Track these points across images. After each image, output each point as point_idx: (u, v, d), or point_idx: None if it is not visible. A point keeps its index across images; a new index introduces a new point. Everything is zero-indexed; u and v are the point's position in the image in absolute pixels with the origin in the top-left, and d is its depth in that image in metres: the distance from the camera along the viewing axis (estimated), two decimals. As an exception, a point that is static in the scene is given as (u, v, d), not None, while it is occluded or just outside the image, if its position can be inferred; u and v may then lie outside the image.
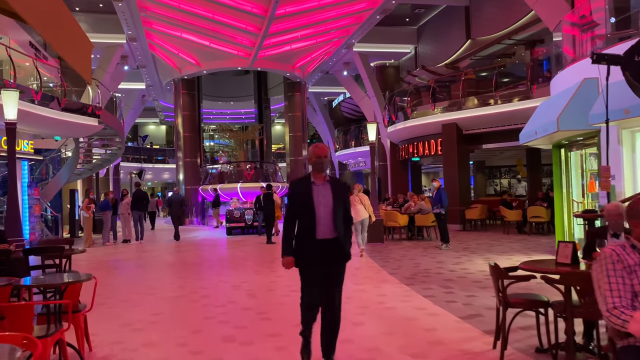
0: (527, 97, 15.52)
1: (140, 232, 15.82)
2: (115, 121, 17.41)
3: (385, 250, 11.96)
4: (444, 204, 12.22)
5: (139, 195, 16.00)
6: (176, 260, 11.38)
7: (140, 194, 16.14)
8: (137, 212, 15.87)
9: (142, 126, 46.95)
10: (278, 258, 11.46)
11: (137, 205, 15.84)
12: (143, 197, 16.30)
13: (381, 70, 27.16)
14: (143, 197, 16.30)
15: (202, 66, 23.37)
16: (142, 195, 16.25)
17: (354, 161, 33.77)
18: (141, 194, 16.26)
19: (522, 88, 16.45)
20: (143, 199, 16.30)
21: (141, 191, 16.37)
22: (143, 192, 16.76)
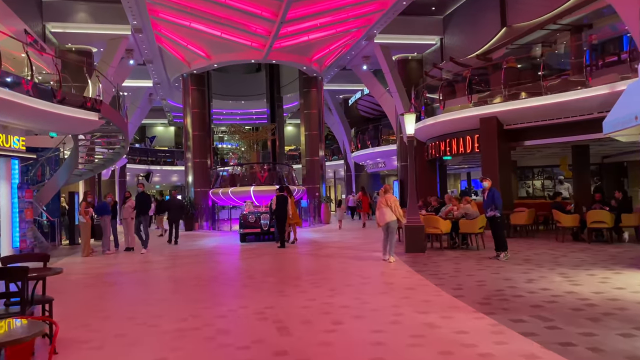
0: (582, 87, 13.66)
1: (144, 241, 14.06)
2: (118, 116, 15.73)
3: (431, 262, 10.12)
4: (498, 205, 10.38)
5: (142, 199, 14.30)
6: (185, 275, 9.61)
7: (144, 197, 14.42)
8: (141, 217, 14.12)
9: (150, 127, 45.45)
10: (304, 273, 9.74)
11: (141, 209, 14.11)
12: (148, 201, 14.60)
13: (403, 65, 25.34)
14: (148, 201, 14.60)
15: (212, 59, 21.68)
16: (146, 198, 14.55)
17: (372, 162, 31.96)
18: (145, 197, 14.53)
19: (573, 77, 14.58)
20: (148, 203, 14.59)
21: (145, 194, 14.61)
22: (147, 194, 15.03)
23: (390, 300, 6.70)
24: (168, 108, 36.97)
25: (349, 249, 13.20)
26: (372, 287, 7.70)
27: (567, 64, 16.65)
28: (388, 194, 10.77)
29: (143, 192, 14.50)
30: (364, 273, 8.98)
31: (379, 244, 14.01)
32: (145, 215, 14.21)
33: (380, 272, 8.98)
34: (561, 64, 16.91)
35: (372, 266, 9.82)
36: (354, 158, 33.34)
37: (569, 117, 14.40)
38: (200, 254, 13.06)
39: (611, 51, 15.38)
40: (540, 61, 14.93)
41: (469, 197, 12.67)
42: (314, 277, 8.63)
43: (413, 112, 12.16)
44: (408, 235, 11.25)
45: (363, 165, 34.03)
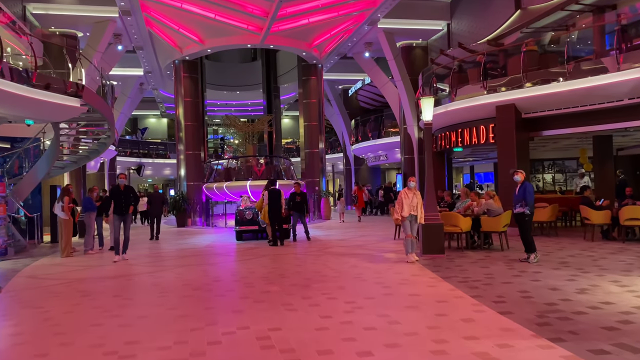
0: (605, 72, 12.43)
1: (124, 243, 11.14)
2: (102, 104, 14.35)
3: (454, 265, 8.89)
4: (529, 201, 9.16)
5: (115, 193, 11.09)
6: (173, 282, 8.34)
7: (117, 191, 11.05)
8: (116, 216, 11.00)
9: (142, 119, 44.00)
10: (313, 279, 7.88)
11: (115, 206, 10.94)
12: (121, 195, 11.01)
13: (407, 52, 24.03)
14: (121, 195, 11.01)
15: (206, 44, 20.29)
16: (118, 192, 11.02)
17: (373, 155, 30.69)
18: (117, 190, 11.06)
19: (596, 62, 13.34)
20: (122, 198, 10.96)
21: (128, 187, 11.23)
22: (129, 188, 11.31)
23: (424, 319, 5.45)
24: (160, 99, 35.55)
25: (358, 248, 11.95)
26: (396, 299, 6.45)
27: (585, 49, 15.43)
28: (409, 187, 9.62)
29: (119, 186, 11.07)
30: (383, 280, 7.73)
31: (389, 243, 12.85)
32: (122, 215, 10.91)
33: (401, 279, 7.73)
34: (578, 49, 15.65)
35: (388, 270, 8.58)
36: (354, 151, 32.05)
37: (595, 105, 13.17)
38: (191, 255, 11.77)
39: (633, 34, 14.18)
40: (565, 42, 13.67)
41: (492, 192, 11.44)
42: (325, 286, 7.37)
43: (430, 95, 10.85)
44: (425, 235, 10.01)
45: (363, 158, 32.75)
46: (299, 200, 14.08)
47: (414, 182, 9.68)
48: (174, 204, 21.53)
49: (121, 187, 11.01)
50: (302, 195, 14.23)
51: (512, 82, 14.81)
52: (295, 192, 14.40)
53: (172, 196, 23.24)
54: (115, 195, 11.00)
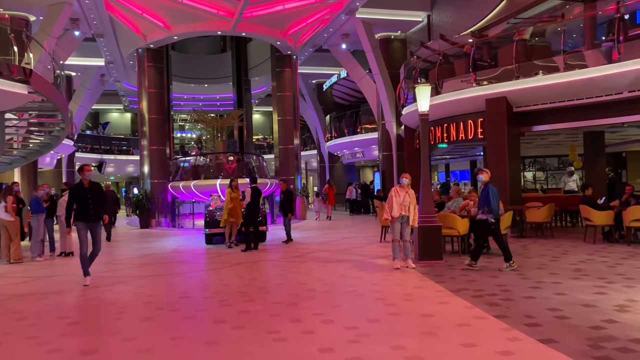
0: (609, 61, 11.64)
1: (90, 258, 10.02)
2: (54, 91, 12.75)
3: (458, 274, 7.83)
4: (492, 207, 8.10)
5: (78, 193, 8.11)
6: (132, 299, 7.01)
7: (80, 190, 8.07)
8: (82, 224, 8.16)
9: (104, 113, 41.80)
10: (301, 294, 6.56)
11: (79, 210, 8.05)
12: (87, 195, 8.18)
13: (385, 45, 22.99)
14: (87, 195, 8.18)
15: (172, 30, 18.76)
16: (82, 191, 8.03)
17: (349, 152, 29.61)
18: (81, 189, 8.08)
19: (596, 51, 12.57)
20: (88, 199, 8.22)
21: (81, 185, 8.15)
22: (86, 185, 8.13)
23: (451, 352, 4.33)
24: (123, 92, 33.65)
25: (343, 252, 10.80)
26: (407, 322, 5.31)
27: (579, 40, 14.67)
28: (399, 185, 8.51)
29: (83, 183, 8.10)
30: (383, 294, 6.59)
31: (375, 246, 11.74)
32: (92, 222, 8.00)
33: (404, 293, 6.60)
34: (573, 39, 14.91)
35: (385, 281, 7.45)
36: (329, 148, 30.92)
37: (593, 98, 12.38)
38: (155, 262, 10.39)
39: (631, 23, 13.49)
40: (562, 31, 12.83)
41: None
42: (316, 304, 6.18)
43: (427, 83, 9.78)
44: (422, 239, 8.94)
45: (338, 155, 31.66)
46: (282, 199, 12.89)
47: (408, 179, 8.60)
48: (137, 203, 19.95)
49: (86, 184, 7.97)
50: (286, 194, 13.03)
51: (503, 73, 13.91)
52: (282, 190, 13.21)
53: (135, 195, 21.63)
54: (78, 196, 7.88)
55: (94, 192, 8.02)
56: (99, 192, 8.13)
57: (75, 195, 8.00)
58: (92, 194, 7.96)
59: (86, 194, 7.96)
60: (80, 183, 8.14)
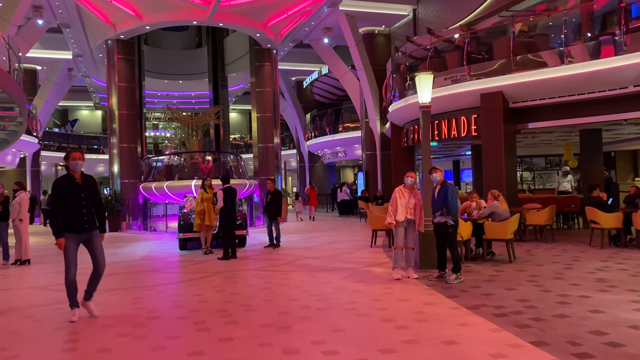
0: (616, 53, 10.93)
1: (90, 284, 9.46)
2: (10, 80, 11.45)
3: (469, 286, 6.91)
4: (451, 208, 7.27)
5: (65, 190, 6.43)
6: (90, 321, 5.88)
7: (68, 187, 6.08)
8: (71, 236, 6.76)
9: (73, 111, 39.96)
10: (292, 313, 5.39)
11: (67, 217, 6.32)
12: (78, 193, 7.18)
13: (369, 40, 22.11)
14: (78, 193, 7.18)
15: (144, 19, 17.49)
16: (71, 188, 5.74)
17: (330, 151, 28.66)
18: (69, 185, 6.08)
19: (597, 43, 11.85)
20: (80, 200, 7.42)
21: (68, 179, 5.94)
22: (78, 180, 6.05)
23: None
24: (93, 88, 32.05)
25: (332, 259, 9.80)
26: (429, 353, 4.32)
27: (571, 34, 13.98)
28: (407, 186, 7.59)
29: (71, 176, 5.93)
30: (389, 313, 5.61)
31: (365, 252, 10.78)
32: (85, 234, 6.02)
33: (414, 312, 5.63)
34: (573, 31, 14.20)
35: (388, 295, 6.47)
36: (309, 147, 29.93)
37: (595, 93, 11.66)
38: (122, 272, 9.21)
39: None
40: (561, 22, 12.09)
41: (496, 191, 9.57)
42: (313, 326, 5.17)
43: (429, 72, 8.84)
44: (423, 245, 8.00)
45: (319, 155, 30.68)
46: (269, 200, 11.83)
47: (413, 178, 7.64)
48: (105, 204, 18.59)
49: (77, 179, 5.70)
50: (274, 195, 11.96)
51: (499, 67, 13.11)
52: (269, 190, 12.14)
53: (105, 195, 20.26)
54: (65, 196, 5.64)
55: (89, 190, 5.75)
56: (94, 191, 5.85)
57: (60, 194, 5.63)
58: (85, 193, 5.69)
59: (77, 192, 5.63)
60: (67, 177, 5.70)
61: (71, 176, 5.70)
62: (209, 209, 11.11)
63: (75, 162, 5.67)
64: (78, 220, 5.66)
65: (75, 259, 5.84)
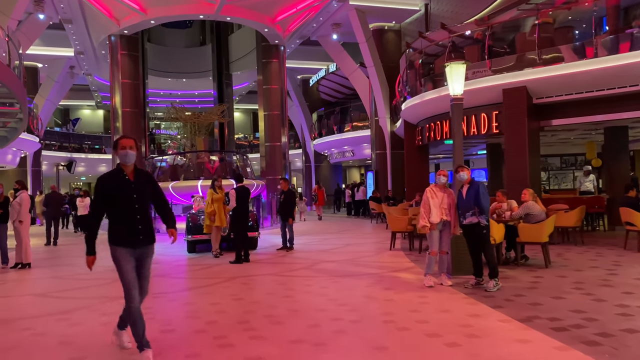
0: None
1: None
2: (9, 73, 10.87)
3: (511, 294, 6.30)
4: (484, 207, 6.65)
5: (113, 188, 3.85)
6: (92, 336, 5.29)
7: (116, 183, 4.65)
8: (123, 251, 4.85)
9: (75, 110, 39.44)
10: (318, 325, 4.75)
11: (114, 223, 4.39)
12: (130, 193, 4.99)
13: (379, 36, 21.50)
14: (130, 193, 4.99)
15: (148, 13, 16.93)
16: (121, 185, 4.66)
17: (337, 151, 28.06)
18: (117, 181, 4.66)
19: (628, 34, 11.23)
20: (132, 201, 5.59)
21: (118, 174, 4.40)
22: (129, 176, 4.53)
23: None
24: (95, 86, 31.52)
25: (352, 263, 9.20)
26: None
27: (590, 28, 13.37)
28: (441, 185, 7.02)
29: (119, 170, 4.51)
30: (435, 327, 4.99)
31: (385, 255, 10.14)
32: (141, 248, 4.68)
33: (459, 324, 5.02)
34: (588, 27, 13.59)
35: (425, 305, 5.85)
36: (315, 146, 29.33)
37: (626, 87, 11.06)
38: (116, 280, 8.56)
39: None
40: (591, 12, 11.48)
41: (529, 190, 8.96)
42: (351, 342, 4.57)
43: (462, 61, 8.23)
44: (456, 250, 7.39)
45: (325, 154, 30.08)
46: (283, 200, 11.24)
47: (446, 177, 7.04)
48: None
49: (128, 174, 4.26)
50: (288, 195, 11.35)
51: (521, 61, 12.52)
52: (282, 189, 11.54)
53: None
54: (113, 197, 4.20)
55: (144, 190, 4.29)
56: (151, 190, 4.39)
57: (106, 193, 4.19)
58: (139, 193, 4.23)
59: (129, 192, 4.18)
60: (116, 172, 4.28)
61: (120, 171, 4.24)
62: (220, 210, 10.52)
63: (125, 153, 4.23)
64: (131, 229, 4.16)
65: (135, 280, 4.29)
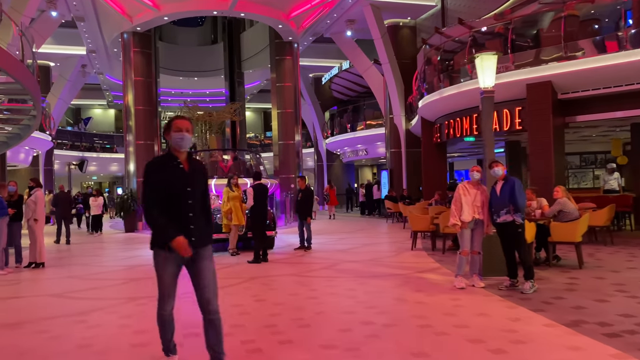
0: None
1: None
2: (22, 69, 10.67)
3: (549, 296, 5.96)
4: (520, 205, 6.30)
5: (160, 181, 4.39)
6: (114, 339, 5.03)
7: (164, 171, 4.01)
8: (170, 257, 3.45)
9: (86, 109, 39.40)
10: (350, 329, 4.47)
11: (158, 225, 4.27)
12: (184, 187, 4.10)
13: (393, 32, 21.13)
14: (184, 187, 4.10)
15: (162, 9, 16.69)
16: (173, 175, 3.93)
17: (350, 149, 27.73)
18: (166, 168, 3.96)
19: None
20: (186, 194, 3.65)
21: (167, 159, 3.74)
22: (184, 167, 3.82)
23: None
24: (107, 85, 31.41)
25: (374, 263, 8.89)
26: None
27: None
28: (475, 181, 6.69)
29: (169, 155, 3.82)
30: (475, 332, 4.66)
31: (407, 254, 9.77)
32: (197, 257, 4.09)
33: (499, 329, 4.69)
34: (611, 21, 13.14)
35: (459, 307, 5.53)
36: (328, 145, 29.03)
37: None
38: (146, 277, 8.36)
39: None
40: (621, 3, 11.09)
41: (562, 187, 8.59)
42: (387, 348, 4.28)
43: (491, 52, 7.88)
44: (488, 249, 7.04)
45: (338, 153, 29.76)
46: (300, 198, 10.95)
47: (479, 173, 6.70)
48: (121, 204, 17.85)
49: (182, 162, 3.58)
50: (305, 193, 11.05)
51: (547, 54, 12.12)
52: (300, 188, 11.24)
53: (120, 195, 19.51)
54: (163, 188, 3.51)
55: (199, 182, 3.61)
56: (205, 183, 3.72)
57: (154, 184, 3.52)
58: (194, 186, 3.56)
59: (183, 183, 3.52)
60: (167, 158, 3.60)
61: (173, 158, 3.55)
62: (237, 208, 10.26)
63: (181, 136, 3.51)
64: (181, 227, 3.48)
65: (174, 288, 3.69)
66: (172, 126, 3.58)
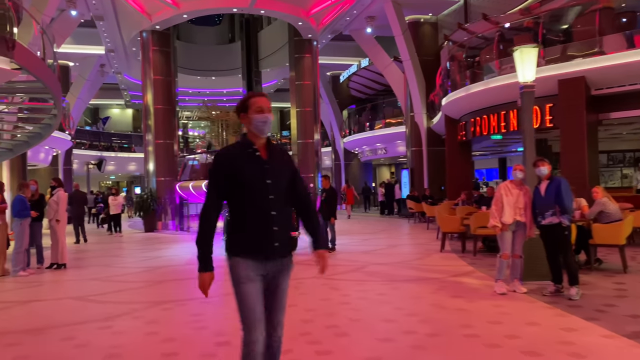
0: None
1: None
2: (43, 68, 10.51)
3: (600, 303, 5.59)
4: (567, 206, 5.95)
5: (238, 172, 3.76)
6: (136, 349, 4.80)
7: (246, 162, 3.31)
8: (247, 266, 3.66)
9: (104, 109, 39.57)
10: (393, 338, 4.13)
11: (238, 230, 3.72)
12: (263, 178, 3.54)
13: (414, 29, 20.73)
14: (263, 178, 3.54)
15: (181, 7, 16.52)
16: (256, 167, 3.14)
17: (369, 148, 27.36)
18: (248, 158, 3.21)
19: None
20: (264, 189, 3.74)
21: (245, 145, 3.00)
22: (261, 156, 3.05)
23: None
24: (125, 85, 31.43)
25: (403, 266, 8.57)
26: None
27: None
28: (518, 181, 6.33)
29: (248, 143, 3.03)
30: (527, 343, 4.33)
31: (436, 256, 9.43)
32: None
33: (557, 342, 4.35)
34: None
35: (506, 316, 5.19)
36: (346, 144, 28.71)
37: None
38: (168, 280, 8.15)
39: None
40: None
41: (601, 187, 8.20)
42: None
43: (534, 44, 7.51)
44: (529, 252, 6.68)
45: (356, 152, 29.42)
46: (324, 198, 10.65)
47: (523, 173, 6.34)
48: (141, 203, 17.74)
49: (260, 150, 2.86)
50: (329, 193, 10.73)
51: (580, 49, 11.67)
52: (324, 188, 10.93)
53: (139, 194, 19.43)
54: (237, 181, 2.80)
55: (282, 173, 2.92)
56: (292, 174, 2.98)
57: (224, 177, 2.82)
58: (275, 178, 2.85)
59: (261, 175, 2.81)
60: (241, 145, 2.88)
61: (248, 144, 2.86)
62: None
63: (264, 118, 2.83)
64: (261, 231, 2.83)
65: (260, 311, 2.91)
66: (252, 105, 2.82)
